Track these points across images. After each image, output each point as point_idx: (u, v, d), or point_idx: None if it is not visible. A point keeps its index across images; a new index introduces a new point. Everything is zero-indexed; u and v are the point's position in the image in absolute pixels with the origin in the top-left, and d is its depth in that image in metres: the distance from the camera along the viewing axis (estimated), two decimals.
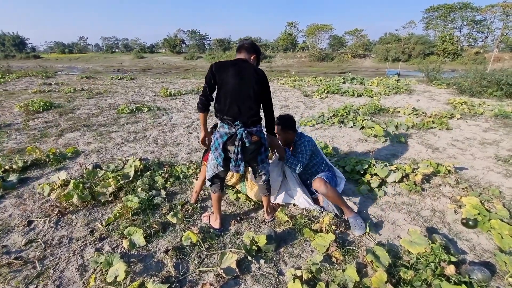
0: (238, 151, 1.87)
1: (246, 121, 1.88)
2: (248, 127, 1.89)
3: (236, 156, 1.89)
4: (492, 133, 4.78)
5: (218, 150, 1.95)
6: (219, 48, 59.20)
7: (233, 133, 1.88)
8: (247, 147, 1.90)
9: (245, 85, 1.86)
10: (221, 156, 1.95)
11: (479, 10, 45.70)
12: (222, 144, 1.92)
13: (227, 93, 1.86)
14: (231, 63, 1.90)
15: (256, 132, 1.94)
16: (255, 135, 1.93)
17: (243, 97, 1.86)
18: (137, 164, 3.20)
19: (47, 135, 4.59)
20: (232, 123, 1.87)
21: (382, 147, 4.12)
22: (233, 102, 1.85)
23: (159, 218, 2.40)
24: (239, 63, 1.92)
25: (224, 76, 1.85)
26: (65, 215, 2.45)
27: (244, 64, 1.93)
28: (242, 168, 1.93)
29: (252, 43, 2.04)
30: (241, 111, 1.86)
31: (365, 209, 2.59)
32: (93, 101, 7.53)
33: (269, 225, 2.33)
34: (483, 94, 8.13)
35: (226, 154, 1.96)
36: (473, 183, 3.06)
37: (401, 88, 9.50)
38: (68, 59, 61.81)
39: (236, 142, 1.86)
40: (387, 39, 51.31)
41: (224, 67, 1.88)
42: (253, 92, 1.89)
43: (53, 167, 3.38)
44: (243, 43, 2.03)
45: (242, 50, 2.00)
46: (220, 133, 1.93)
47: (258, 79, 1.93)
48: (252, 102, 1.90)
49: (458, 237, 2.22)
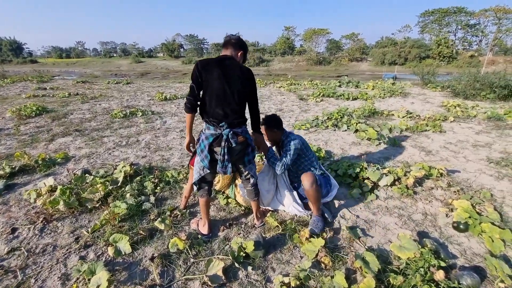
0: (224, 152, 1.85)
1: (231, 122, 1.86)
2: (234, 128, 1.87)
3: (222, 157, 1.86)
4: (485, 135, 4.79)
5: (204, 152, 1.91)
6: (217, 52, 59.42)
7: (219, 134, 1.86)
8: (233, 147, 1.88)
9: (231, 86, 1.82)
10: (207, 158, 1.91)
11: (473, 15, 46.35)
12: (208, 146, 1.88)
13: (212, 95, 1.82)
14: (216, 62, 1.83)
15: (242, 133, 1.93)
16: (241, 136, 1.91)
17: (229, 99, 1.83)
18: (127, 169, 3.16)
19: (37, 140, 4.54)
20: (218, 125, 1.85)
21: (376, 150, 4.10)
22: (218, 103, 1.82)
23: (147, 224, 2.36)
24: (224, 61, 1.85)
25: (209, 76, 1.80)
26: (50, 222, 2.40)
27: (230, 62, 1.87)
28: (229, 169, 1.90)
29: (239, 39, 1.96)
30: (226, 113, 1.84)
31: (356, 213, 2.57)
32: (87, 106, 7.48)
33: (258, 231, 2.29)
34: (476, 96, 8.18)
35: (212, 155, 1.93)
36: (465, 186, 3.04)
37: (396, 91, 9.54)
38: (66, 63, 61.77)
39: (222, 143, 1.83)
40: (383, 43, 51.82)
41: (210, 66, 1.82)
42: (238, 93, 1.87)
43: (42, 173, 3.33)
44: (230, 39, 1.94)
45: (229, 46, 1.93)
46: (206, 135, 1.90)
47: (244, 79, 1.90)
48: (237, 103, 1.87)
49: (449, 241, 2.20)
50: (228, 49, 1.94)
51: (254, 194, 2.23)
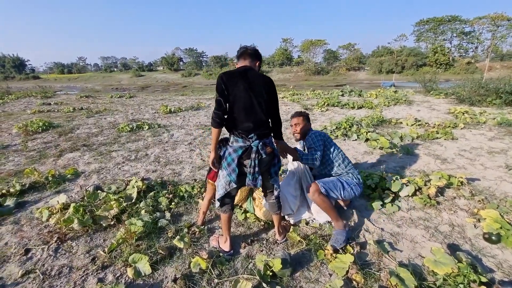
0: (255, 164, 1.79)
1: (260, 133, 1.84)
2: (262, 139, 1.85)
3: (253, 170, 1.80)
4: (498, 141, 4.73)
5: (231, 165, 1.85)
6: (216, 64, 60.25)
7: (248, 146, 1.82)
8: (263, 159, 1.84)
9: (257, 97, 1.81)
10: (234, 172, 1.85)
11: (468, 22, 47.21)
12: (237, 159, 1.83)
13: (240, 107, 1.79)
14: (240, 74, 1.81)
15: (270, 143, 1.92)
16: (269, 146, 1.89)
17: (256, 110, 1.81)
18: (140, 184, 3.09)
19: (46, 156, 4.48)
20: (247, 136, 1.81)
21: (390, 160, 4.03)
22: (247, 115, 1.80)
23: (165, 242, 2.26)
24: (247, 72, 1.83)
25: (235, 89, 1.77)
26: (64, 241, 2.31)
27: (253, 73, 1.85)
28: (259, 181, 1.84)
29: (255, 49, 1.97)
30: (255, 124, 1.82)
31: (380, 226, 2.47)
32: (93, 120, 7.47)
33: (281, 247, 2.20)
34: (482, 102, 8.17)
35: (241, 169, 1.87)
36: (488, 194, 2.96)
37: (400, 99, 9.56)
38: (67, 79, 62.56)
39: (253, 155, 1.79)
40: (380, 52, 52.58)
41: (234, 78, 1.79)
42: (264, 103, 1.85)
43: (52, 190, 3.25)
44: (246, 49, 1.93)
45: (246, 56, 1.92)
46: (234, 148, 1.85)
47: (268, 88, 1.88)
48: (264, 114, 1.86)
49: (482, 254, 2.10)
50: (246, 59, 1.92)
51: (277, 207, 2.14)
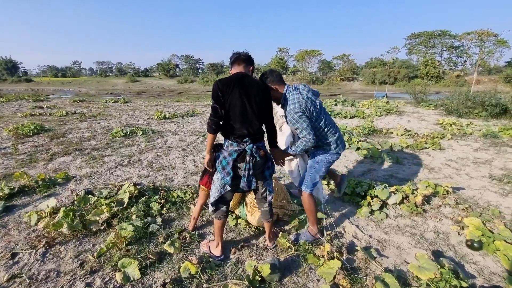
0: (249, 167, 1.85)
1: (254, 137, 1.90)
2: (256, 143, 1.92)
3: (247, 172, 1.86)
4: (483, 152, 4.88)
5: (226, 169, 1.90)
6: (212, 72, 60.58)
7: (242, 150, 1.88)
8: (257, 162, 1.90)
9: (252, 103, 1.86)
10: (229, 175, 1.89)
11: (457, 37, 48.81)
12: (232, 162, 1.88)
13: (236, 114, 1.84)
14: (235, 81, 1.84)
15: (262, 147, 1.98)
16: (262, 150, 1.95)
17: (251, 116, 1.87)
18: (132, 189, 3.09)
19: (36, 160, 4.43)
20: (241, 141, 1.88)
21: (379, 168, 4.13)
22: (242, 121, 1.85)
23: (155, 247, 2.27)
24: (243, 79, 1.87)
25: (231, 96, 1.82)
26: (53, 246, 2.29)
27: (248, 79, 1.89)
28: (253, 183, 1.90)
29: (248, 55, 2.00)
30: (249, 129, 1.88)
31: (368, 232, 2.53)
32: (86, 125, 7.42)
33: (271, 253, 2.23)
34: (469, 114, 8.43)
35: (235, 172, 1.92)
36: (472, 203, 3.05)
37: (391, 110, 9.78)
38: (61, 82, 61.94)
39: (247, 158, 1.85)
40: (373, 63, 53.73)
41: (230, 85, 1.82)
42: (259, 109, 1.90)
43: (42, 194, 3.23)
44: (240, 55, 1.97)
45: (241, 62, 1.96)
46: (229, 151, 1.90)
47: (263, 95, 1.92)
48: (258, 119, 1.92)
49: (465, 260, 2.17)
50: (240, 65, 1.96)
51: (269, 215, 2.18)
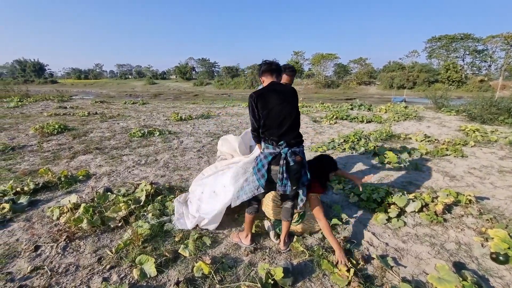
0: (283, 170, 1.89)
1: (289, 141, 1.94)
2: (292, 147, 1.95)
3: (282, 176, 1.90)
4: (510, 161, 4.63)
5: (261, 171, 1.97)
6: (227, 75, 61.27)
7: (278, 153, 1.93)
8: (291, 166, 1.91)
9: (288, 107, 1.94)
10: (264, 177, 1.96)
11: (480, 41, 46.82)
12: (267, 165, 1.95)
13: (272, 119, 1.93)
14: (269, 90, 1.98)
15: (299, 153, 1.99)
16: (298, 155, 1.97)
17: (286, 119, 1.93)
18: (148, 188, 3.16)
19: (59, 157, 4.64)
20: (277, 143, 1.93)
21: (397, 175, 4.00)
22: (278, 125, 1.93)
23: (171, 246, 2.31)
24: (276, 87, 2.00)
25: (267, 103, 1.93)
26: (73, 240, 2.38)
27: (280, 87, 2.01)
28: (288, 187, 1.93)
29: (278, 64, 2.10)
30: (285, 132, 1.93)
31: (385, 240, 2.46)
32: (106, 125, 7.69)
33: (284, 256, 2.21)
34: (494, 121, 8.03)
35: (269, 175, 1.98)
36: (497, 214, 2.90)
37: (410, 115, 9.49)
38: (83, 84, 64.74)
39: (281, 161, 1.89)
40: (391, 67, 52.49)
41: (264, 95, 1.96)
42: (295, 113, 1.98)
43: (64, 190, 3.36)
44: (271, 65, 2.07)
45: (273, 72, 2.06)
46: (265, 154, 1.99)
47: (294, 100, 2.01)
48: (294, 123, 1.98)
49: (489, 274, 2.06)
50: (272, 75, 2.07)
51: (290, 213, 2.20)
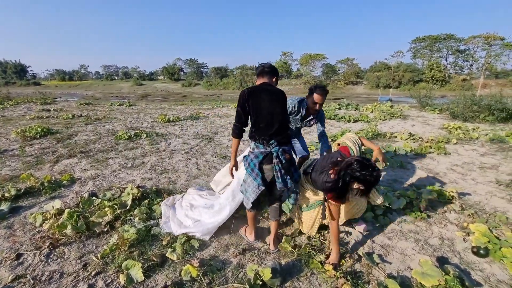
0: (279, 168, 1.96)
1: (280, 139, 2.01)
2: (282, 146, 2.02)
3: (279, 173, 1.97)
4: (490, 157, 4.81)
5: (255, 170, 2.02)
6: (216, 75, 60.91)
7: (268, 152, 1.99)
8: (283, 164, 1.99)
9: (277, 108, 2.02)
10: (259, 176, 2.01)
11: (462, 41, 48.42)
12: (258, 164, 2.00)
13: (262, 117, 1.99)
14: (261, 89, 2.05)
15: (288, 151, 2.07)
16: (287, 153, 2.04)
17: (277, 119, 2.00)
18: (135, 192, 3.11)
19: (42, 161, 4.50)
20: (268, 142, 1.99)
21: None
22: (268, 124, 1.99)
23: (158, 250, 2.28)
24: (268, 88, 2.07)
25: (258, 101, 1.99)
26: (57, 247, 2.32)
27: (272, 88, 2.09)
28: (289, 181, 2.01)
29: (271, 66, 2.17)
30: (275, 131, 2.00)
31: (371, 237, 2.51)
32: (91, 127, 7.52)
33: (273, 257, 2.22)
34: (475, 119, 8.33)
35: (263, 174, 2.03)
36: (478, 209, 3.01)
37: (396, 114, 9.72)
38: (68, 86, 62.97)
39: (275, 160, 1.96)
40: (377, 67, 53.50)
41: (256, 93, 2.02)
42: (282, 114, 2.05)
43: (47, 196, 3.26)
44: (263, 68, 2.14)
45: (265, 74, 2.13)
46: (255, 153, 2.03)
47: (283, 101, 2.09)
48: (282, 123, 2.04)
49: (471, 267, 2.13)
50: (264, 77, 2.14)
51: (278, 213, 2.25)
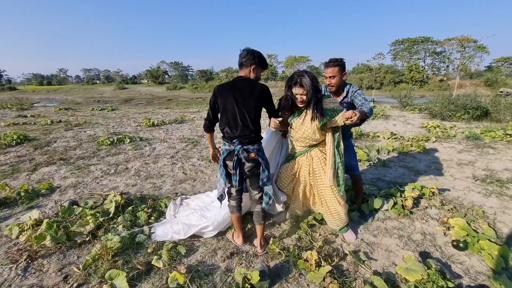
0: (233, 166, 2.01)
1: (242, 140, 2.01)
2: (245, 145, 2.01)
3: (234, 171, 2.01)
4: (467, 154, 5.04)
5: (221, 167, 2.10)
6: (201, 78, 60.52)
7: (232, 150, 2.03)
8: (243, 163, 2.03)
9: (243, 107, 1.97)
10: (223, 172, 2.09)
11: (439, 43, 50.69)
12: (223, 160, 2.08)
13: (227, 116, 2.01)
14: (230, 86, 2.01)
15: (253, 150, 2.03)
16: (252, 153, 2.03)
17: (241, 119, 1.98)
18: (118, 199, 3.02)
19: (19, 170, 4.29)
20: (231, 141, 2.03)
21: (367, 172, 4.19)
22: (232, 124, 2.00)
23: (143, 257, 2.22)
24: (237, 84, 2.01)
25: (225, 100, 2.00)
26: (35, 260, 2.21)
27: (243, 83, 2.00)
28: (235, 182, 2.04)
29: (246, 54, 2.00)
30: (239, 131, 2.00)
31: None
32: (72, 133, 7.25)
33: (261, 259, 2.21)
34: (452, 117, 8.71)
35: (227, 170, 2.10)
36: (457, 203, 3.13)
37: (378, 114, 10.00)
38: (46, 90, 60.59)
39: (234, 157, 1.99)
40: (359, 69, 55.02)
41: (224, 91, 2.01)
42: (251, 112, 1.98)
43: (24, 206, 3.11)
44: (241, 60, 2.02)
45: (242, 66, 2.04)
46: (222, 150, 2.12)
47: (256, 96, 1.98)
48: (249, 123, 1.99)
49: (451, 261, 2.21)
50: (242, 69, 2.06)
51: (261, 217, 2.23)
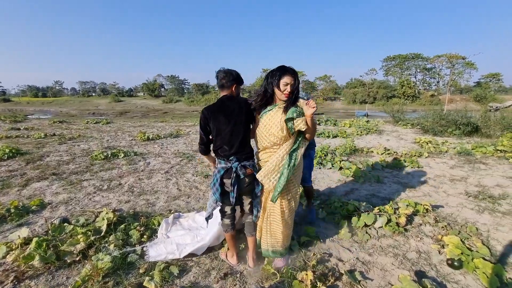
0: (231, 183, 2.01)
1: (239, 157, 2.06)
2: (242, 162, 2.06)
3: (232, 188, 2.02)
4: (459, 169, 5.11)
5: (216, 185, 2.07)
6: (197, 92, 61.01)
7: (229, 167, 2.04)
8: (242, 179, 2.05)
9: (235, 126, 2.03)
10: (218, 191, 2.06)
11: (429, 60, 52.40)
12: (219, 179, 2.05)
13: (221, 136, 2.04)
14: (218, 106, 2.05)
15: (250, 166, 2.10)
16: (249, 168, 2.08)
17: (235, 137, 2.04)
18: (110, 216, 2.96)
19: (9, 185, 4.20)
20: (228, 159, 2.05)
21: (361, 188, 4.21)
22: (227, 143, 2.04)
23: (135, 278, 2.16)
24: (224, 103, 2.06)
25: (216, 122, 2.03)
26: (22, 281, 2.13)
27: (229, 102, 2.07)
28: (233, 199, 2.05)
29: (225, 76, 2.05)
30: (234, 149, 2.04)
31: (353, 255, 2.53)
32: (65, 147, 7.17)
33: (255, 280, 2.18)
34: (443, 133, 8.87)
35: (223, 188, 2.08)
36: (451, 220, 3.15)
37: (372, 129, 10.15)
38: (41, 102, 60.32)
39: (233, 174, 2.01)
40: (353, 83, 56.24)
41: (213, 112, 2.04)
42: (242, 128, 2.06)
43: (14, 223, 3.03)
44: (221, 82, 2.06)
45: (223, 88, 2.09)
46: (218, 169, 2.09)
47: (244, 112, 2.08)
48: (244, 139, 2.07)
49: (447, 280, 2.20)
50: (223, 90, 2.11)
51: (253, 227, 2.27)
